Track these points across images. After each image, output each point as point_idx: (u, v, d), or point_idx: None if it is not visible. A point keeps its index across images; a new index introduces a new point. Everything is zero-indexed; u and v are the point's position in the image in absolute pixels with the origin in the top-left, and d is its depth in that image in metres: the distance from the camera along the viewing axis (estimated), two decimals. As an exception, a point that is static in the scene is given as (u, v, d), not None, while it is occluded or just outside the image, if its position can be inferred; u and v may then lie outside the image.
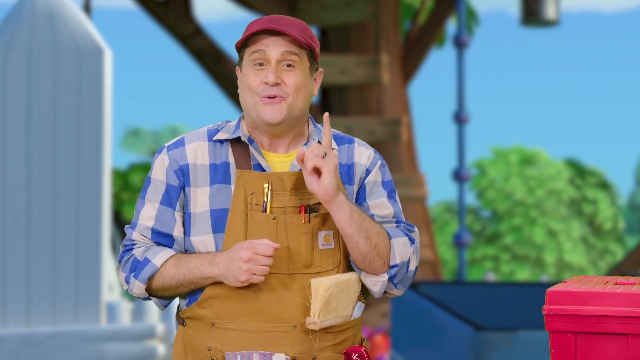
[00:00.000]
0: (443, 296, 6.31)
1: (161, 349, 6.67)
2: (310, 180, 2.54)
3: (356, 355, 2.64)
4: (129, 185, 21.36)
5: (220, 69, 12.58)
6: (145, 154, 33.01)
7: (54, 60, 6.50)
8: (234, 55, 2.83)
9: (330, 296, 2.55)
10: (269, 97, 2.61)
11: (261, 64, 2.62)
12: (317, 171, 2.54)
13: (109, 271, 6.80)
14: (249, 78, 2.63)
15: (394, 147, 11.47)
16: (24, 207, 6.42)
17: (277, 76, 2.60)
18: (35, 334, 6.31)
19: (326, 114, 2.61)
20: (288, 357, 2.57)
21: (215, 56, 12.58)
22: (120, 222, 19.85)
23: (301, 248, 2.60)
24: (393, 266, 2.61)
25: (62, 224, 6.44)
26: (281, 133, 2.65)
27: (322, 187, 2.53)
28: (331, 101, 11.67)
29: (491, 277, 17.00)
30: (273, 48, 2.61)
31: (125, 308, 6.73)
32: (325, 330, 2.60)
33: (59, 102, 6.48)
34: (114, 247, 14.62)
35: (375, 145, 11.45)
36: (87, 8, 13.13)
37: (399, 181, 11.06)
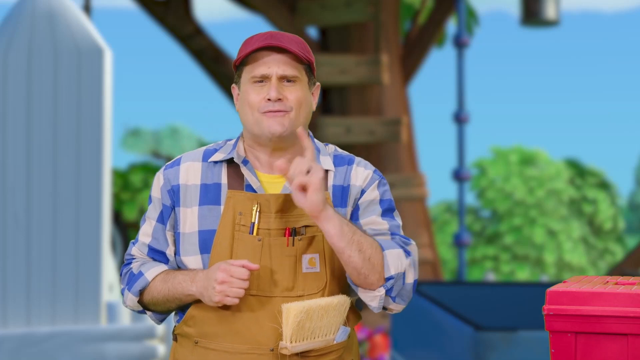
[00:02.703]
0: (443, 296, 6.30)
1: (161, 349, 6.67)
2: (296, 197, 2.51)
3: None
4: (129, 185, 21.36)
5: (220, 69, 12.58)
6: (145, 154, 33.00)
7: (54, 60, 6.50)
8: (234, 55, 2.79)
9: (302, 322, 2.53)
10: (271, 112, 2.60)
11: (261, 81, 2.62)
12: (304, 187, 2.52)
13: (109, 271, 6.80)
14: (250, 96, 2.62)
15: (394, 147, 11.47)
16: (24, 207, 6.42)
17: (279, 92, 2.60)
18: (35, 334, 6.31)
19: (299, 129, 2.57)
20: None
21: (215, 56, 12.58)
22: (120, 222, 19.85)
23: (284, 271, 2.59)
24: (388, 278, 2.57)
25: (62, 224, 6.44)
26: (282, 147, 2.65)
27: (308, 203, 2.50)
28: (331, 101, 11.67)
29: (491, 277, 17.00)
30: (274, 65, 2.61)
31: (125, 308, 6.73)
32: (303, 354, 2.59)
33: (59, 102, 6.48)
34: (114, 247, 14.62)
35: (375, 145, 11.48)
36: (87, 8, 13.12)
37: (399, 181, 11.06)
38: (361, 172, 2.69)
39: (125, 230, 17.51)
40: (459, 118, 11.93)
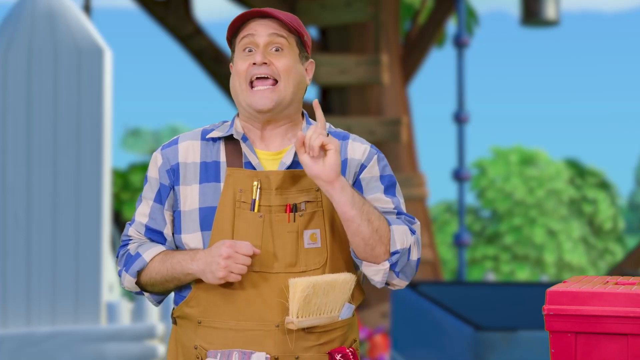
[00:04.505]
0: (443, 296, 6.31)
1: (161, 349, 6.67)
2: (311, 164, 2.52)
3: (340, 355, 2.63)
4: (129, 185, 21.36)
5: (220, 69, 12.57)
6: (145, 154, 33.02)
7: (54, 60, 6.50)
8: (234, 55, 2.80)
9: (309, 296, 2.54)
10: (258, 79, 2.61)
11: (250, 50, 2.63)
12: (324, 147, 2.53)
13: (109, 271, 6.80)
14: (238, 64, 2.64)
15: (394, 147, 11.46)
16: (24, 207, 6.42)
17: (265, 56, 2.61)
18: (35, 334, 6.32)
19: (315, 100, 2.59)
20: (268, 356, 2.58)
21: (215, 56, 12.58)
22: (120, 222, 19.86)
23: (286, 247, 2.60)
24: (394, 253, 2.58)
25: (62, 224, 6.44)
26: (273, 120, 2.65)
27: (327, 166, 2.51)
28: (331, 101, 11.67)
29: (491, 277, 16.99)
30: (260, 32, 2.62)
31: (125, 308, 6.73)
32: (309, 330, 2.59)
33: (59, 102, 6.48)
34: (114, 247, 14.62)
35: (375, 145, 11.46)
36: (87, 8, 13.12)
37: (398, 181, 11.06)
38: (358, 147, 2.70)
39: (125, 230, 17.49)
40: (459, 118, 11.93)
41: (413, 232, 2.64)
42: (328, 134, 2.54)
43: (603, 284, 2.56)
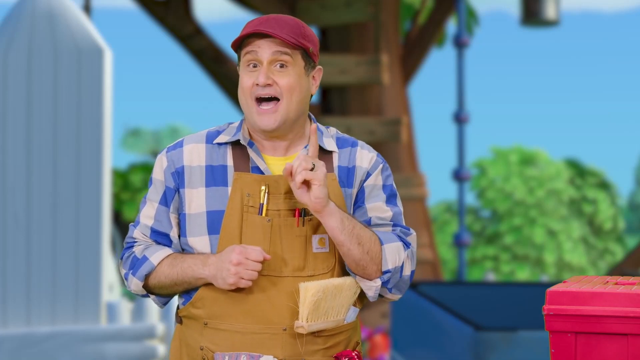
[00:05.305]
0: (443, 296, 6.31)
1: (161, 349, 6.67)
2: (299, 193, 2.54)
3: (346, 359, 2.64)
4: (129, 185, 21.36)
5: (220, 69, 12.57)
6: (145, 154, 33.01)
7: (54, 60, 6.50)
8: (234, 55, 2.81)
9: (318, 301, 2.55)
10: (263, 100, 2.62)
11: (255, 65, 2.64)
12: (307, 183, 2.54)
13: (109, 271, 6.80)
14: (243, 79, 2.65)
15: (394, 147, 11.46)
16: (24, 207, 6.42)
17: (268, 76, 2.61)
18: (35, 334, 6.32)
19: (313, 126, 2.61)
20: (277, 359, 2.58)
21: (215, 56, 12.58)
22: (120, 222, 19.86)
23: (294, 251, 2.61)
24: (385, 272, 2.61)
25: (62, 224, 6.44)
26: (279, 136, 2.67)
27: (312, 198, 2.53)
28: (331, 101, 11.67)
29: (491, 277, 17.00)
30: (264, 49, 2.62)
31: (125, 308, 6.73)
32: (316, 334, 2.60)
33: (59, 102, 6.48)
34: (114, 247, 14.62)
35: (375, 145, 11.48)
36: (87, 8, 13.12)
37: (399, 181, 11.06)
38: (366, 155, 2.72)
39: (125, 230, 17.50)
40: (459, 118, 11.92)
41: (407, 245, 2.67)
42: (313, 167, 2.54)
43: (603, 284, 2.56)
